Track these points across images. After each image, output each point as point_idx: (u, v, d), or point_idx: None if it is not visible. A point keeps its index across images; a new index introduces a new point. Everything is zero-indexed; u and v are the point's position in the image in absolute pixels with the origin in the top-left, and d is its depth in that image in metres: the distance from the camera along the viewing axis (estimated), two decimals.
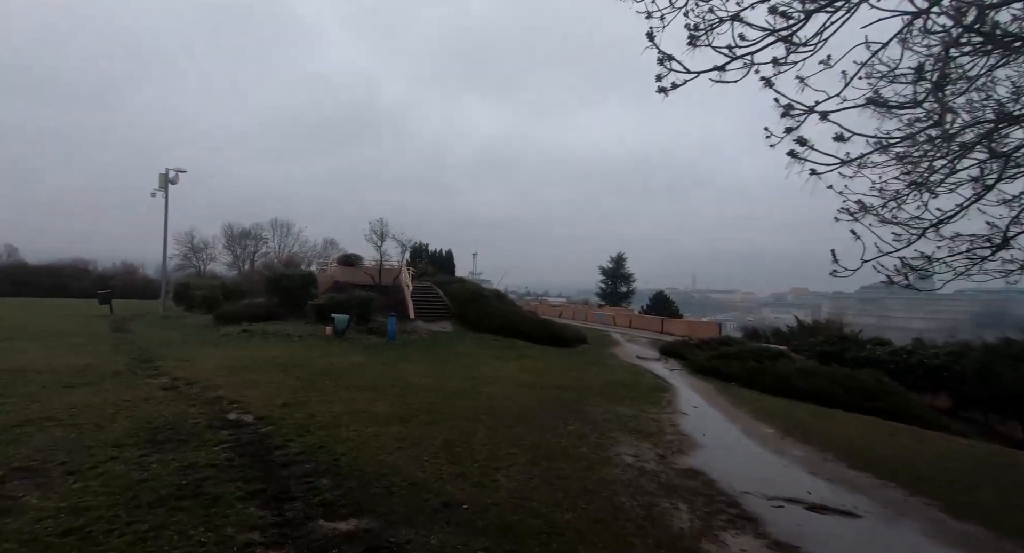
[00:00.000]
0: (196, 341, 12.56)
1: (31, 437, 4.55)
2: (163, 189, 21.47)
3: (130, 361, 9.08)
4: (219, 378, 7.83)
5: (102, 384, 6.99)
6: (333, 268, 23.58)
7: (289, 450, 4.56)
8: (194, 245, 54.79)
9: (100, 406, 5.74)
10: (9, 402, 5.76)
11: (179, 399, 6.38)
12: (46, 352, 9.61)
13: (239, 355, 10.46)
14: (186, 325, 16.10)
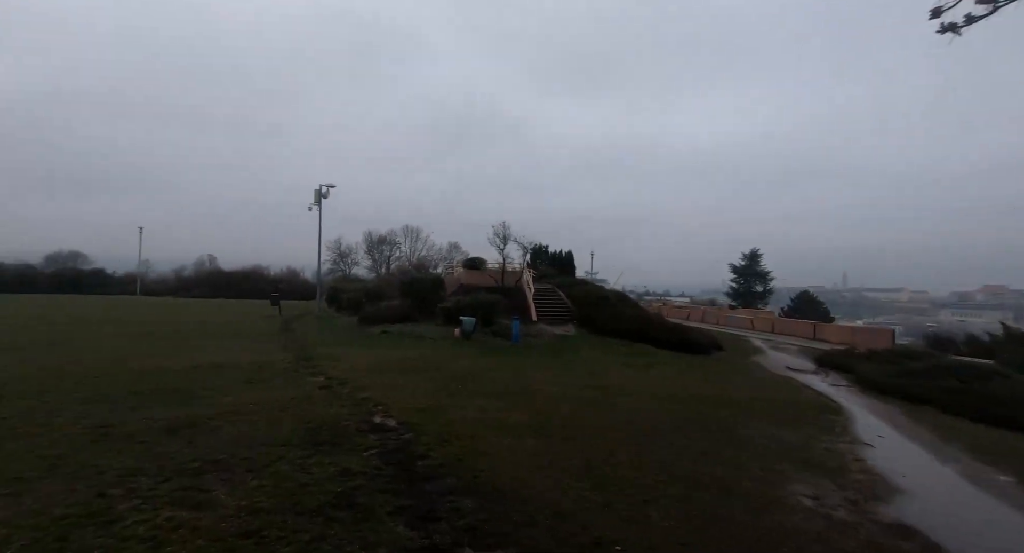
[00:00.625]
0: (345, 341, 13.88)
1: (222, 430, 5.18)
2: (317, 203, 24.40)
3: (294, 359, 10.25)
4: (365, 379, 8.41)
5: (273, 381, 7.91)
6: (459, 271, 24.67)
7: (431, 461, 4.56)
8: (341, 251, 61.77)
9: (272, 403, 6.42)
10: (209, 395, 6.72)
11: (333, 399, 6.91)
12: (234, 349, 11.31)
13: (380, 356, 11.25)
14: (336, 325, 17.99)
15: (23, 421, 5.22)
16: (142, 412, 5.70)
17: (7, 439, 4.66)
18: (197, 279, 51.94)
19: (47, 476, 3.80)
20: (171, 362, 9.10)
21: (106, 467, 4.01)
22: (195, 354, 10.23)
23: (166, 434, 4.93)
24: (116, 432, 4.94)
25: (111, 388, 6.85)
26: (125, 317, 19.08)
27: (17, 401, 6.03)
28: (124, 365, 8.64)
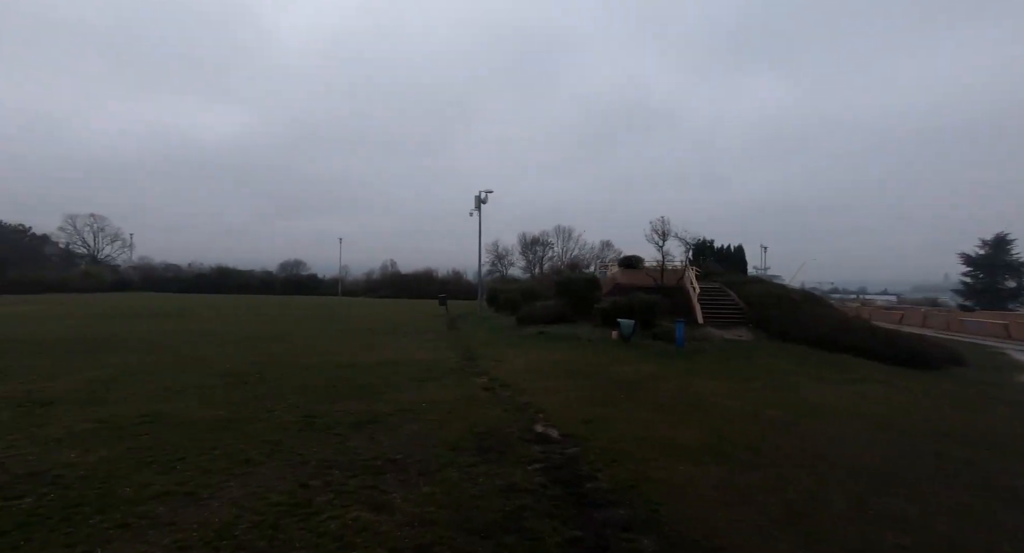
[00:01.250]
0: (504, 341, 14.33)
1: (399, 429, 5.52)
2: (477, 209, 25.97)
3: (460, 359, 10.84)
4: (525, 382, 8.40)
5: (442, 380, 8.38)
6: (614, 270, 23.86)
7: (599, 484, 4.16)
8: (498, 253, 65.35)
9: (441, 403, 6.73)
10: (389, 392, 7.36)
11: (496, 402, 6.98)
12: (410, 346, 12.47)
13: (538, 357, 11.26)
14: (496, 325, 18.79)
15: (258, 406, 6.27)
16: (338, 405, 6.43)
17: (247, 421, 5.60)
18: (381, 281, 60.08)
19: (267, 460, 4.40)
20: (361, 357, 10.34)
21: (309, 457, 4.51)
22: (380, 351, 11.51)
23: (354, 429, 5.43)
24: (318, 422, 5.61)
25: (316, 380, 7.95)
26: (329, 314, 22.71)
27: (256, 387, 7.35)
28: (326, 359, 10.07)
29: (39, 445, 4.58)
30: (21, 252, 52.33)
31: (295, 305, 30.60)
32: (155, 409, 5.92)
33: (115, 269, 58.43)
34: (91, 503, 3.41)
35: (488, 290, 27.48)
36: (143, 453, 4.43)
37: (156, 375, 7.97)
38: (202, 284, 52.69)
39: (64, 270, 50.16)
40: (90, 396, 6.46)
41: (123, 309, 22.17)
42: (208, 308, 24.75)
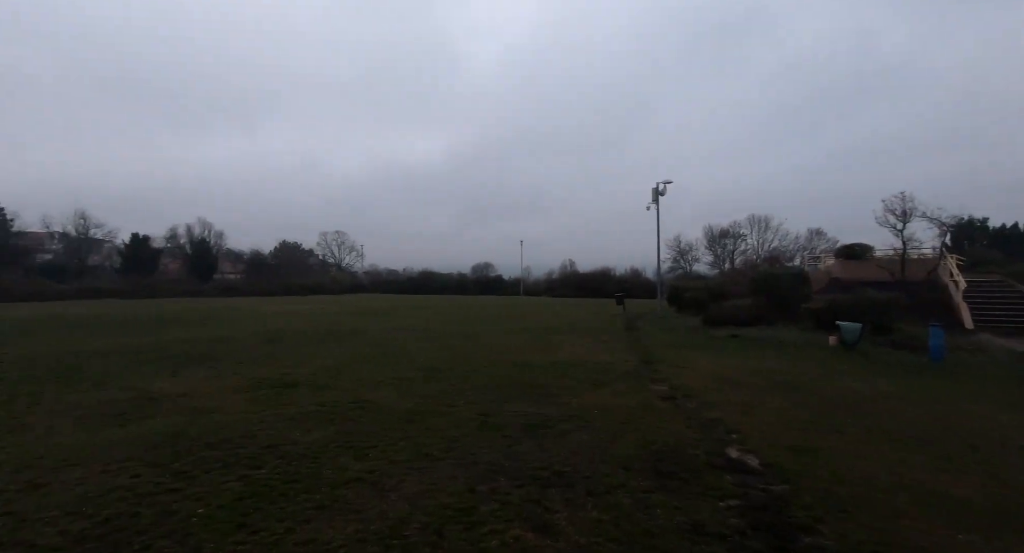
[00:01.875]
0: (688, 344, 13.00)
1: (568, 436, 5.23)
2: (655, 201, 24.49)
3: (637, 362, 10.11)
4: (712, 392, 7.33)
5: (616, 385, 7.85)
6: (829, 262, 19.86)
7: (822, 541, 3.17)
8: (680, 248, 61.02)
9: (615, 411, 6.23)
10: (560, 394, 7.17)
11: (677, 415, 6.17)
12: (584, 346, 12.21)
13: (729, 364, 9.83)
14: (678, 326, 17.29)
15: (442, 400, 6.71)
16: (510, 406, 6.47)
17: (431, 415, 6.00)
18: (560, 281, 61.67)
19: (444, 457, 4.54)
20: (536, 357, 10.45)
21: (480, 458, 4.52)
22: (555, 350, 11.51)
23: (524, 432, 5.33)
24: (491, 422, 5.69)
25: (493, 379, 8.22)
26: (509, 313, 24.01)
27: (443, 382, 7.95)
28: (504, 357, 10.44)
29: (280, 421, 5.58)
30: (296, 263, 69.26)
31: (482, 304, 33.33)
32: (363, 397, 6.79)
33: (353, 275, 72.53)
34: (302, 480, 3.91)
35: (669, 288, 25.64)
36: (347, 438, 5.02)
37: (369, 365, 9.26)
38: (411, 286, 61.67)
39: (320, 276, 64.17)
40: (320, 381, 7.78)
41: (355, 308, 27.07)
42: (413, 307, 28.59)
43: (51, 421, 5.47)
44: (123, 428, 5.26)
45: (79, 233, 53.62)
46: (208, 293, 45.18)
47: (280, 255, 72.27)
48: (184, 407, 6.14)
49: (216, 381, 7.71)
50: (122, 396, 6.64)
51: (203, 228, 62.06)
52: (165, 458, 4.32)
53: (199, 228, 61.42)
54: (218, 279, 57.57)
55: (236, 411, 5.98)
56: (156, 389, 7.06)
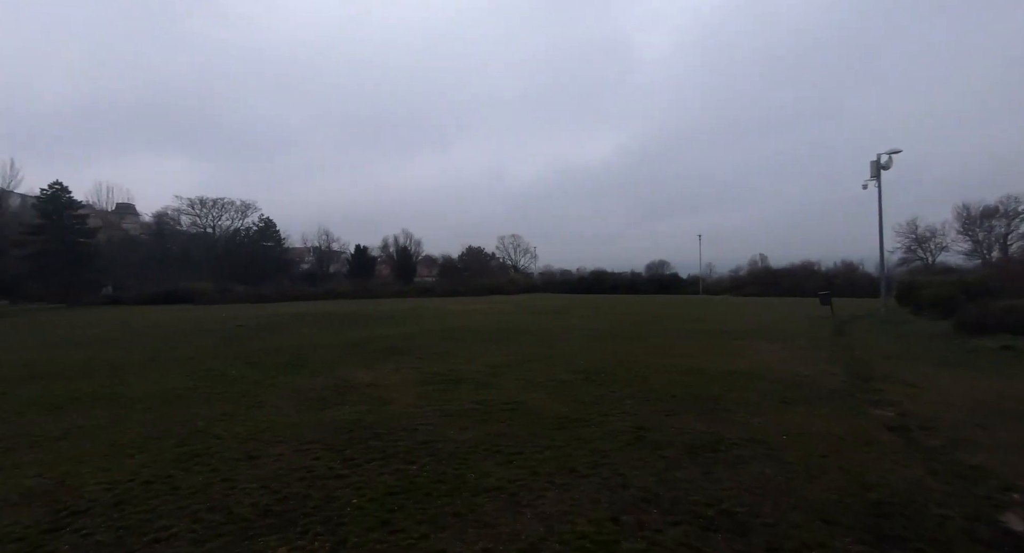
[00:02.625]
0: (928, 357, 10.01)
1: (745, 466, 4.30)
2: (875, 178, 19.82)
3: (847, 377, 8.10)
4: (970, 427, 5.36)
5: (816, 405, 6.33)
6: None
7: None
8: (918, 235, 49.01)
9: (812, 439, 4.97)
10: (737, 411, 6.07)
11: (911, 453, 4.61)
12: (773, 353, 10.36)
13: (997, 388, 7.18)
14: (912, 332, 13.54)
15: (595, 408, 6.28)
16: (673, 419, 5.69)
17: (582, 423, 5.64)
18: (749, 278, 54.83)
19: (590, 474, 4.13)
20: (711, 364, 9.20)
21: (630, 480, 3.98)
22: (735, 357, 10.01)
23: (687, 453, 4.57)
24: (649, 437, 5.05)
25: (657, 386, 7.43)
26: (684, 314, 22.05)
27: (601, 386, 7.50)
28: (672, 362, 9.44)
29: (440, 417, 5.87)
30: (480, 266, 76.32)
31: (655, 304, 31.49)
32: (518, 398, 6.77)
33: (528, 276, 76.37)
34: (447, 482, 3.94)
35: (900, 284, 20.40)
36: (496, 440, 4.97)
37: (531, 365, 9.31)
38: (583, 286, 61.95)
39: (499, 277, 69.05)
40: (483, 379, 8.06)
41: (528, 307, 28.19)
42: (584, 307, 28.49)
43: (278, 402, 6.72)
44: (321, 412, 6.15)
45: (323, 246, 68.16)
46: (409, 294, 52.50)
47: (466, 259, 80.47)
48: (368, 396, 6.94)
49: (398, 374, 8.62)
50: (328, 383, 7.85)
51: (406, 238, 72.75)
52: (341, 444, 4.85)
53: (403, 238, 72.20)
54: (417, 282, 66.48)
55: (406, 403, 6.52)
56: (354, 379, 8.20)
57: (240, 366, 9.52)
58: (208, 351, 11.82)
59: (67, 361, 10.43)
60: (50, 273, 46.45)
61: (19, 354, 11.87)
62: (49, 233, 46.18)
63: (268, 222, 63.75)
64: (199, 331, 16.67)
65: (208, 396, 7.03)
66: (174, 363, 10.05)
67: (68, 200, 48.18)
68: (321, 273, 66.35)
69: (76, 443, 4.93)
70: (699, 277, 55.16)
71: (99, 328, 18.90)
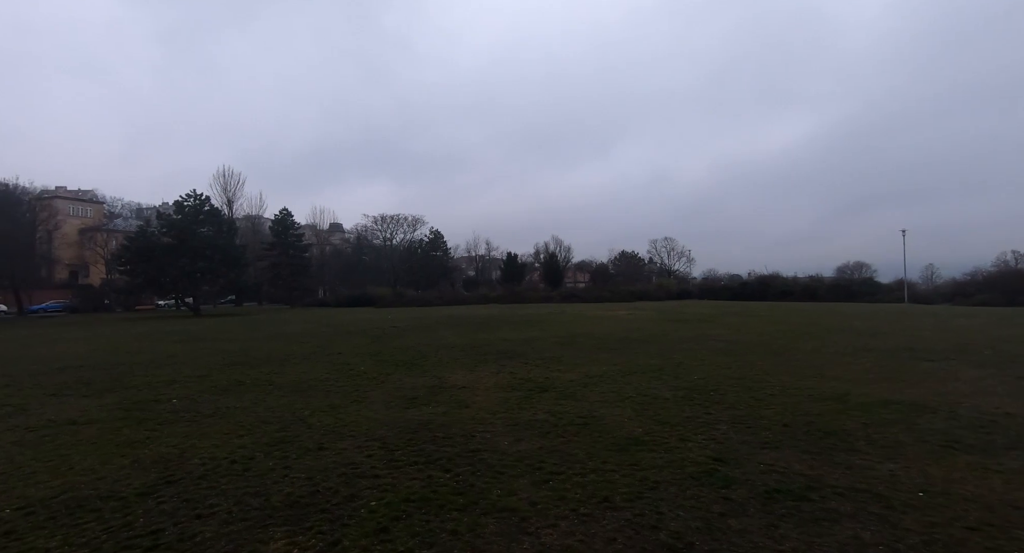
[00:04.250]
0: None
1: (836, 523, 3.32)
2: None
3: None
4: None
5: (1000, 456, 4.56)
6: None
7: None
8: None
9: (961, 503, 3.61)
10: (874, 453, 4.75)
11: None
12: (966, 384, 7.86)
13: None
14: None
15: (681, 430, 5.54)
16: (768, 453, 4.68)
17: (653, 446, 5.01)
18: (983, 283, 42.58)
19: (623, 507, 3.65)
20: (862, 390, 7.37)
21: (666, 522, 3.40)
22: (903, 385, 7.86)
23: (762, 498, 3.70)
24: (721, 472, 4.24)
25: (767, 412, 6.23)
26: (864, 328, 18.12)
27: (700, 407, 6.59)
28: (812, 384, 7.81)
29: (505, 425, 5.81)
30: (634, 271, 74.16)
31: (829, 313, 26.60)
32: (596, 412, 6.35)
33: (681, 280, 71.41)
34: (467, 495, 3.86)
35: None
36: (543, 456, 4.73)
37: (632, 377, 8.65)
38: (746, 292, 55.49)
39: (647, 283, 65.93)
40: (571, 389, 7.75)
41: (671, 314, 26.32)
42: (736, 315, 25.49)
43: (379, 398, 7.44)
44: (404, 411, 6.61)
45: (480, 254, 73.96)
46: (555, 299, 53.43)
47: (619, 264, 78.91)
48: (453, 399, 7.24)
49: (494, 378, 8.82)
50: (427, 383, 8.42)
51: (556, 244, 74.45)
52: (398, 444, 5.13)
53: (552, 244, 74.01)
54: (568, 287, 67.27)
55: (482, 408, 6.62)
56: (450, 380, 8.65)
57: (370, 362, 10.80)
58: (358, 348, 13.68)
59: (258, 352, 13.10)
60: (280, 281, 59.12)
61: (237, 344, 15.34)
62: (279, 249, 58.50)
63: (437, 234, 71.34)
64: (362, 330, 19.41)
65: (330, 388, 8.12)
66: (325, 357, 11.87)
67: (291, 222, 60.61)
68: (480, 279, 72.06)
69: (216, 421, 6.15)
70: (903, 281, 44.79)
71: (296, 325, 23.34)
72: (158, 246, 37.79)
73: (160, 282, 38.75)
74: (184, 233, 37.94)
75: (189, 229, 38.60)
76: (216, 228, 42.32)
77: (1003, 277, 41.32)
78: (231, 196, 60.42)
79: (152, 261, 36.76)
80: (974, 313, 26.34)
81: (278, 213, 59.15)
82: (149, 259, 36.77)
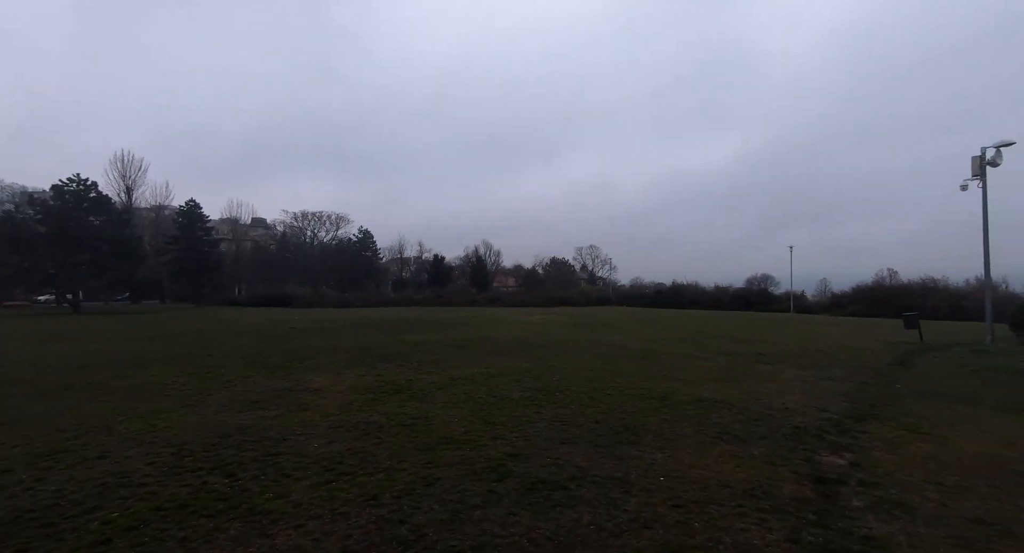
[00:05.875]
0: (992, 399, 7.97)
1: (571, 508, 3.67)
2: (977, 176, 16.49)
3: (845, 414, 6.68)
4: (932, 488, 4.10)
5: (755, 445, 5.24)
6: None
7: None
8: None
9: (689, 486, 4.11)
10: (651, 446, 5.26)
11: (800, 513, 3.62)
12: (783, 383, 8.90)
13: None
14: (1003, 367, 10.89)
15: (493, 430, 5.83)
16: (564, 448, 5.07)
17: (460, 446, 5.23)
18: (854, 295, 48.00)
19: (382, 506, 3.81)
20: (695, 390, 8.11)
21: (414, 517, 3.60)
22: (732, 385, 8.75)
23: (525, 490, 4.02)
24: (506, 468, 4.53)
25: (593, 411, 6.72)
26: (740, 335, 19.90)
27: (532, 407, 6.95)
28: (651, 385, 8.50)
29: (329, 428, 5.82)
30: (565, 277, 76.18)
31: (723, 321, 28.91)
32: (431, 413, 6.50)
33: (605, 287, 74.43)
34: (231, 500, 3.86)
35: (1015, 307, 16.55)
36: (348, 456, 4.80)
37: (495, 380, 8.88)
38: (660, 299, 58.85)
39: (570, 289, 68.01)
40: (425, 391, 7.87)
41: (582, 320, 27.28)
42: (641, 322, 26.97)
43: (220, 401, 7.14)
44: (235, 415, 6.37)
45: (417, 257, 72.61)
46: (479, 303, 53.66)
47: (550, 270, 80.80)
48: (296, 402, 7.09)
49: (357, 380, 8.74)
50: (281, 386, 8.19)
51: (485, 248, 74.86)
52: (196, 450, 4.97)
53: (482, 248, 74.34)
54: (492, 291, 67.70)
55: (321, 411, 6.56)
56: (308, 383, 8.48)
57: (237, 365, 10.32)
58: (237, 350, 13.01)
59: (119, 354, 12.08)
60: (184, 277, 54.65)
61: (104, 345, 14.06)
62: (184, 242, 54.10)
63: (367, 233, 69.26)
64: (256, 331, 18.44)
65: (170, 392, 7.68)
66: (193, 359, 11.19)
67: (198, 214, 56.30)
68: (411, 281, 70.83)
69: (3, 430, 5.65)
70: (790, 293, 49.64)
71: (187, 325, 21.72)
72: (30, 235, 33.68)
73: (33, 275, 34.58)
74: (64, 221, 34.11)
75: (70, 217, 34.75)
76: (106, 217, 38.50)
77: (872, 291, 46.84)
78: (130, 183, 55.22)
79: (22, 252, 32.70)
80: (839, 322, 29.74)
81: (183, 204, 54.73)
82: (18, 249, 32.66)
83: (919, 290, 42.34)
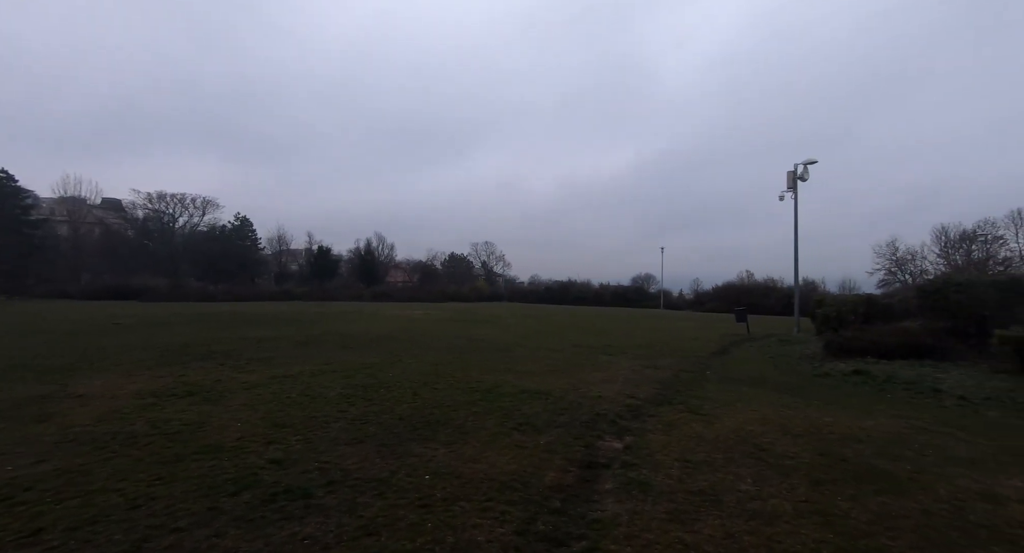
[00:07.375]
0: (773, 381, 9.12)
1: (299, 519, 3.26)
2: (791, 189, 19.16)
3: (649, 398, 7.14)
4: (680, 467, 4.37)
5: (547, 433, 5.28)
6: None
7: None
8: (898, 257, 48.92)
9: (450, 482, 3.93)
10: (439, 441, 5.04)
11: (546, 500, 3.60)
12: (610, 372, 9.39)
13: (795, 418, 6.24)
14: (790, 353, 12.69)
15: (271, 434, 5.24)
16: (348, 449, 4.64)
17: (219, 455, 4.59)
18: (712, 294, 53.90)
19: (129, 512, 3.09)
20: (524, 382, 8.19)
21: (102, 538, 2.94)
22: (563, 375, 9.00)
23: (266, 500, 3.53)
24: (259, 477, 4.00)
25: (408, 407, 6.42)
26: (600, 327, 21.14)
27: (341, 405, 6.44)
28: (484, 378, 8.44)
29: (66, 441, 4.79)
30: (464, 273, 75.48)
31: (596, 317, 30.61)
32: (210, 419, 5.71)
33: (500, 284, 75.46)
34: None
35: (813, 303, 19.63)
36: (53, 478, 3.91)
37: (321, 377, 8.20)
38: (549, 296, 61.07)
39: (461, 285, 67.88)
40: (224, 393, 6.98)
41: (464, 315, 27.08)
42: (523, 317, 27.48)
43: None
44: None
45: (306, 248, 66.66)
46: (365, 297, 51.22)
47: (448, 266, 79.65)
48: (42, 411, 5.82)
49: (151, 382, 7.52)
50: (37, 392, 6.72)
51: (378, 241, 71.53)
52: None
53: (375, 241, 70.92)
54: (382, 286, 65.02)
55: (69, 421, 5.41)
56: (76, 387, 7.08)
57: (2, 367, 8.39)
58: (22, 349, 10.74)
59: None
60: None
61: None
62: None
63: (244, 221, 62.29)
64: (62, 329, 15.43)
65: None
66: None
67: (15, 188, 46.58)
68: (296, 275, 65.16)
69: None
70: (660, 291, 54.52)
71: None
72: None
73: None
74: None
75: None
76: None
77: (726, 290, 53.11)
78: None
79: None
80: (695, 317, 33.13)
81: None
82: None
83: (763, 289, 48.88)
